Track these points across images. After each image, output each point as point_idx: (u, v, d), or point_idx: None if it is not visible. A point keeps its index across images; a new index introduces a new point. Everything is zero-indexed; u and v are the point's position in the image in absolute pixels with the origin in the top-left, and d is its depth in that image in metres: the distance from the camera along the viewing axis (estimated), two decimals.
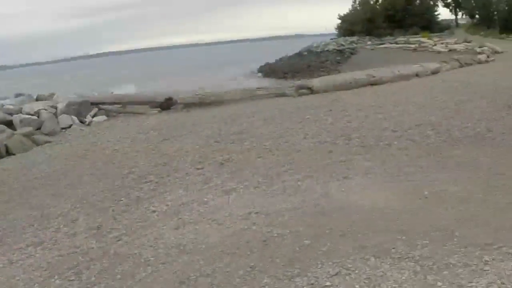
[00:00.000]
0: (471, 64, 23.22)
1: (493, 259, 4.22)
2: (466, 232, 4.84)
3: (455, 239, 4.66)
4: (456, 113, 11.11)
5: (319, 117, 11.96)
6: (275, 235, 5.16)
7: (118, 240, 5.57)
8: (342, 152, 8.70)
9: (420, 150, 8.47)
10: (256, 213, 5.94)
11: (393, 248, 4.56)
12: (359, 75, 18.25)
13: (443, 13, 71.89)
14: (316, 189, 6.73)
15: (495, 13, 54.27)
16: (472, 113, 10.95)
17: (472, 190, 6.16)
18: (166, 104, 14.81)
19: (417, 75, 19.30)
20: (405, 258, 4.36)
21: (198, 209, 6.31)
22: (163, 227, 5.79)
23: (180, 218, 6.04)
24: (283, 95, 16.19)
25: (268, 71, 37.96)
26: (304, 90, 16.41)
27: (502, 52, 29.34)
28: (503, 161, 7.45)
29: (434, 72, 20.22)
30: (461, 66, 22.55)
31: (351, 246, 4.70)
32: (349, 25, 63.26)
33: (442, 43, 38.24)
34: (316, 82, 17.41)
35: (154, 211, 6.43)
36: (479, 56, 25.40)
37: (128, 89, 27.04)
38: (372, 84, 17.39)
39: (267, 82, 29.06)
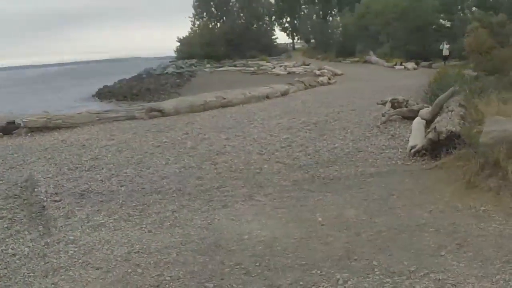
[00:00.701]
0: (315, 86, 24.13)
1: None
2: (384, 259, 4.54)
3: (376, 269, 4.35)
4: (319, 133, 11.04)
5: (177, 140, 11.40)
6: (168, 278, 4.50)
7: None
8: (212, 178, 8.21)
9: (295, 173, 8.19)
10: (137, 252, 5.25)
11: (313, 286, 4.12)
12: (210, 97, 17.92)
13: (280, 37, 75.04)
14: (198, 220, 6.17)
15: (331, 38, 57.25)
16: (335, 133, 10.94)
17: (371, 213, 5.93)
18: (8, 128, 13.45)
19: (267, 96, 19.42)
20: None
21: (66, 251, 5.46)
22: (30, 275, 4.87)
23: (47, 263, 5.15)
24: (132, 118, 15.42)
25: (107, 94, 36.48)
26: (155, 113, 15.76)
27: (342, 74, 30.85)
28: (388, 181, 7.32)
29: (284, 94, 20.52)
30: (306, 88, 23.24)
31: (263, 287, 4.18)
32: (188, 48, 63.17)
33: (280, 66, 39.41)
34: (167, 104, 16.84)
35: (14, 255, 5.45)
36: (321, 78, 26.42)
37: None
38: (223, 106, 17.16)
39: (108, 106, 27.92)
